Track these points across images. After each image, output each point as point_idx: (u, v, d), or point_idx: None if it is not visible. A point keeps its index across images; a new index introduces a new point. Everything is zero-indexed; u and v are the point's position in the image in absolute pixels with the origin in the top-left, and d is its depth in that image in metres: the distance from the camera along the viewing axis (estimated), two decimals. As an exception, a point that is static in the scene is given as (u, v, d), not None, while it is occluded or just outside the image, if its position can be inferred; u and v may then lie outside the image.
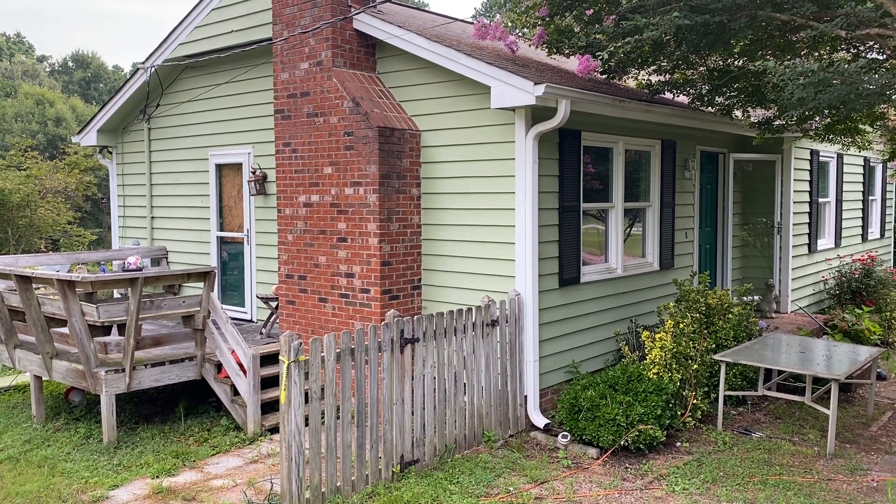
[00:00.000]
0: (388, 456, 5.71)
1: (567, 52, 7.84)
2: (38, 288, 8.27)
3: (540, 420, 6.90)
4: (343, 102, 7.60)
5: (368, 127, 7.40)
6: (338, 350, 5.41)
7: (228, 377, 7.35)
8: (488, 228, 7.24)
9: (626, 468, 6.11)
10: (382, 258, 7.46)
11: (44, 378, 7.80)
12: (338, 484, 5.35)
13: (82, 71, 56.95)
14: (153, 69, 10.05)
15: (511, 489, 5.61)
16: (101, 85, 56.24)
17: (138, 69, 10.44)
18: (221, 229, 10.01)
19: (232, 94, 9.61)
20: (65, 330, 7.61)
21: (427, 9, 13.63)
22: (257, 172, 9.21)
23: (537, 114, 6.82)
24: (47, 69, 57.84)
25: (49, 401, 8.29)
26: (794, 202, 11.10)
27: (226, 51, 9.20)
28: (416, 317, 6.01)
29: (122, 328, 7.64)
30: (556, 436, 6.69)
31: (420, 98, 7.71)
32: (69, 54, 59.53)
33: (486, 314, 6.62)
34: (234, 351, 7.28)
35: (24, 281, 7.37)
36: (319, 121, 7.85)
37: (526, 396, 6.98)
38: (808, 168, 11.53)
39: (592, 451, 6.38)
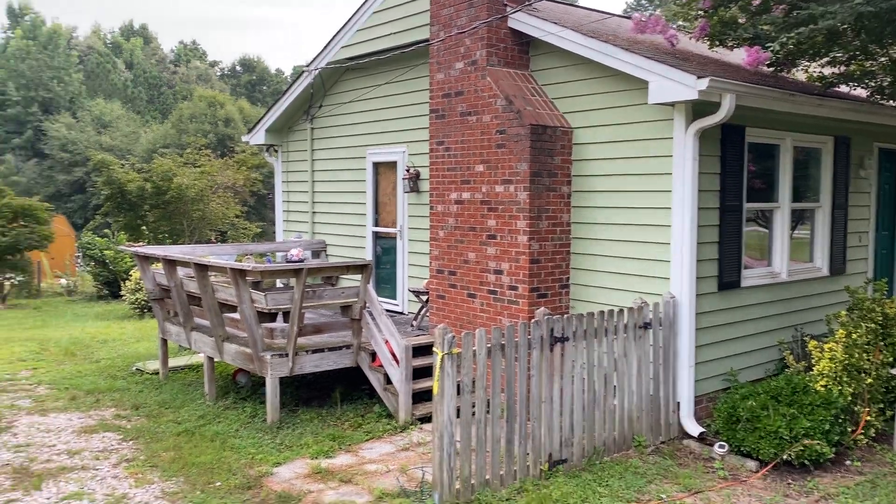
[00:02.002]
0: (536, 453, 5.71)
1: (731, 44, 7.47)
2: (213, 275, 8.98)
3: (694, 428, 6.64)
4: (496, 101, 7.67)
5: (520, 125, 7.42)
6: (489, 345, 5.49)
7: (382, 366, 7.64)
8: (642, 228, 7.05)
9: (789, 484, 5.76)
10: (531, 256, 7.46)
11: (215, 359, 8.47)
12: (487, 477, 5.42)
13: (248, 74, 61.08)
14: (317, 71, 10.61)
15: (663, 496, 5.45)
16: (264, 87, 60.06)
17: (303, 72, 11.06)
18: (376, 224, 10.41)
19: (388, 95, 9.96)
20: (235, 315, 8.22)
21: (579, 5, 13.41)
22: (411, 170, 9.50)
23: (698, 109, 6.56)
24: (218, 73, 62.52)
25: (219, 381, 8.97)
26: None
27: (385, 52, 9.54)
28: (566, 315, 5.97)
29: (286, 315, 8.15)
30: (711, 445, 6.41)
31: (573, 95, 7.63)
32: (237, 59, 64.07)
33: (639, 316, 6.46)
34: (387, 341, 7.56)
35: (202, 269, 8.03)
36: (472, 119, 7.97)
37: (679, 403, 6.74)
38: None
39: (751, 464, 6.06)
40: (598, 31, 7.65)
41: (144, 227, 20.47)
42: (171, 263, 8.64)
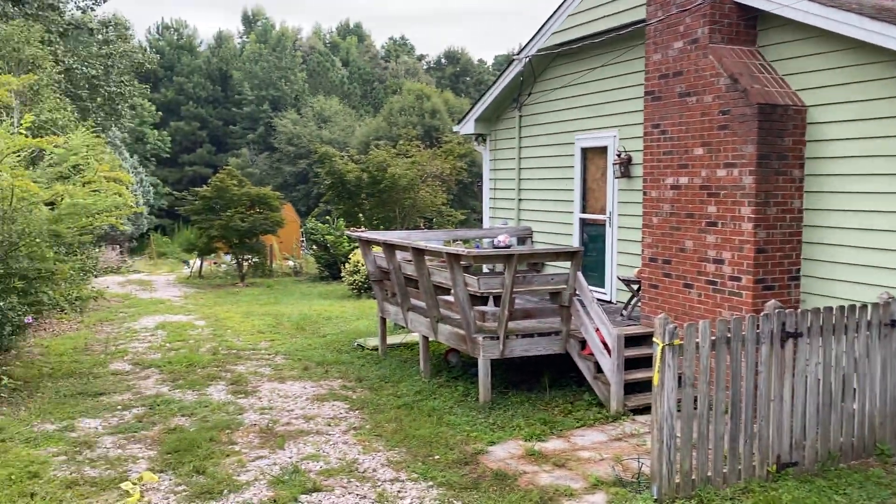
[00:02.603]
0: (763, 454, 5.38)
1: None
2: (429, 259, 9.41)
3: (950, 440, 5.89)
4: (719, 80, 7.27)
5: (746, 104, 6.97)
6: (713, 337, 5.24)
7: (592, 354, 7.58)
8: (890, 215, 6.34)
9: None
10: (757, 245, 7.00)
11: (430, 339, 8.88)
12: (708, 474, 5.21)
13: (453, 66, 62.94)
14: (527, 59, 10.69)
15: (914, 513, 4.91)
16: (467, 78, 61.59)
17: (512, 60, 11.20)
18: (584, 211, 10.31)
19: (599, 79, 9.80)
20: (448, 297, 8.56)
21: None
22: (622, 155, 9.29)
23: (965, 80, 5.76)
24: (424, 67, 65.06)
25: (432, 359, 9.40)
26: None
27: (597, 36, 9.39)
28: (799, 310, 5.54)
29: (496, 299, 8.35)
30: (973, 462, 5.65)
31: (807, 70, 7.02)
32: (442, 52, 66.25)
33: (885, 313, 5.83)
34: (597, 329, 7.48)
35: (418, 253, 8.45)
36: (691, 100, 7.62)
37: (932, 411, 6.00)
38: None
39: None
40: (837, 1, 6.97)
41: (361, 215, 21.91)
42: (390, 247, 9.18)
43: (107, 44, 22.68)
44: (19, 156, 9.31)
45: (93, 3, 23.58)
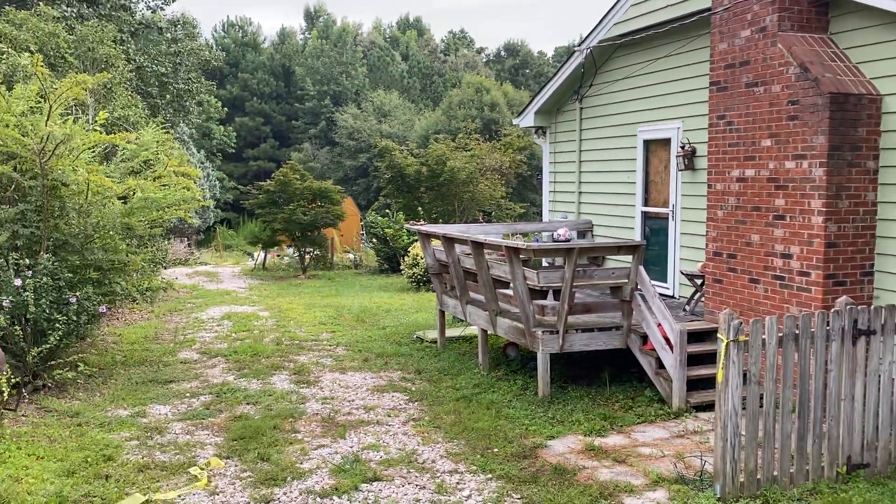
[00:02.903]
0: (833, 454, 5.22)
1: None
2: (487, 253, 9.41)
3: None
4: (788, 69, 7.04)
5: (817, 94, 6.73)
6: (780, 334, 5.10)
7: (653, 349, 7.47)
8: (972, 208, 6.05)
9: None
10: (827, 239, 6.77)
11: (488, 332, 8.89)
12: (774, 473, 5.08)
13: (512, 59, 62.60)
14: (588, 51, 10.56)
15: None
16: (527, 70, 61.15)
17: (573, 52, 11.07)
18: (646, 204, 10.15)
19: (662, 70, 9.61)
20: (507, 291, 8.54)
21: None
22: (686, 147, 9.09)
23: None
24: (483, 60, 64.88)
25: (490, 352, 9.41)
26: None
27: (660, 26, 9.21)
28: (872, 307, 5.34)
29: (555, 293, 8.30)
30: None
31: (884, 58, 6.74)
32: (501, 44, 65.92)
33: (966, 310, 5.57)
34: (659, 324, 7.37)
35: (477, 246, 8.46)
36: (759, 90, 7.40)
37: None
38: None
39: None
40: (917, -18, 6.66)
41: (420, 208, 22.04)
42: (449, 241, 9.22)
43: (175, 42, 23.38)
44: (94, 152, 9.70)
45: (162, 3, 24.34)
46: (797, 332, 5.13)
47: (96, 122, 9.32)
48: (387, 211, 24.60)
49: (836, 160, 6.71)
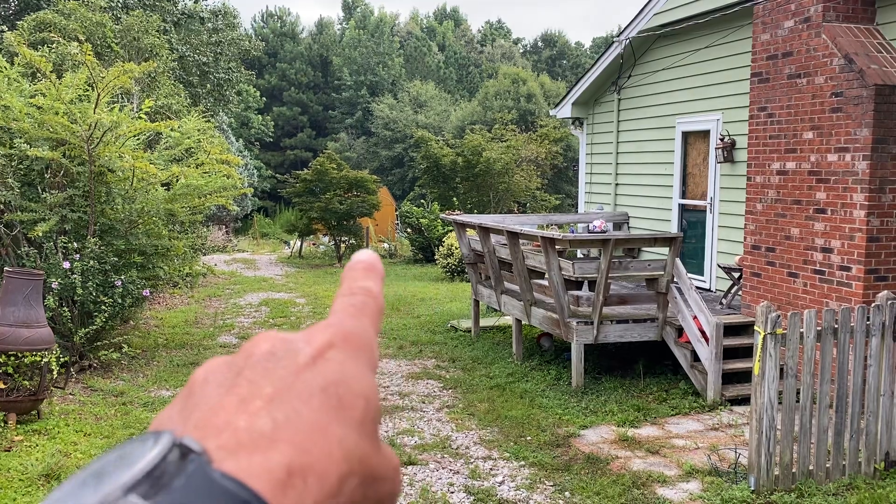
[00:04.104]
0: (870, 450, 5.18)
1: None
2: (523, 243, 9.44)
3: None
4: (832, 60, 6.93)
5: (862, 86, 6.62)
6: (818, 328, 5.07)
7: (688, 342, 7.44)
8: None
9: None
10: (869, 233, 6.67)
11: (523, 322, 8.93)
12: (810, 468, 5.06)
13: (549, 49, 62.16)
14: (627, 41, 10.49)
15: None
16: (563, 61, 60.68)
17: (612, 43, 11.01)
18: (683, 196, 10.07)
19: (701, 61, 9.51)
20: (542, 281, 8.57)
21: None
22: (726, 139, 9.00)
23: None
24: (520, 50, 64.54)
25: (524, 342, 9.45)
26: None
27: (701, 17, 9.11)
28: (915, 301, 5.27)
29: (590, 284, 8.31)
30: None
31: (933, 49, 6.60)
32: (539, 35, 65.49)
33: None
34: (695, 317, 7.34)
35: (513, 236, 8.50)
36: (801, 82, 7.30)
37: None
38: None
39: None
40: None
41: (455, 199, 22.10)
42: (485, 231, 9.26)
43: (216, 32, 23.71)
44: (138, 139, 9.94)
45: (204, -7, 24.65)
46: (836, 326, 5.09)
47: (141, 110, 9.55)
48: (422, 201, 24.69)
49: (879, 153, 6.60)
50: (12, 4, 19.10)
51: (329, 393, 0.36)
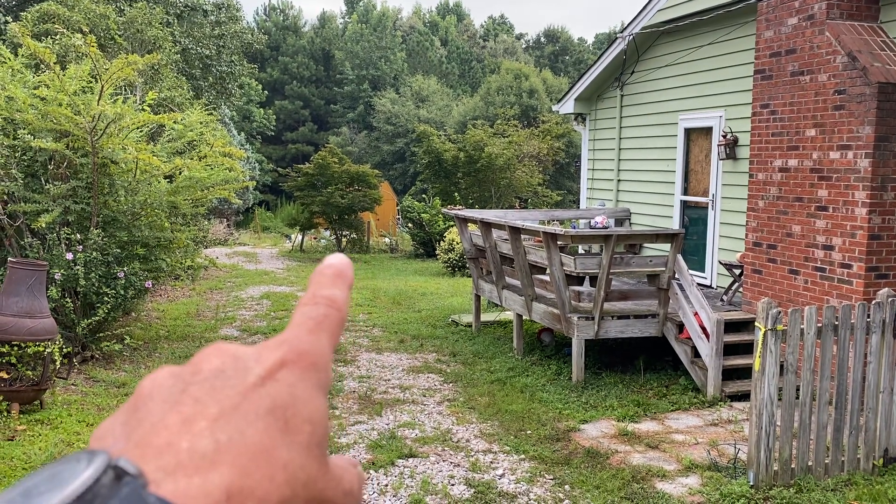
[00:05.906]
0: (869, 447, 5.20)
1: None
2: (525, 238, 9.46)
3: None
4: (836, 58, 6.94)
5: (865, 83, 6.63)
6: (819, 324, 5.09)
7: (689, 338, 7.47)
8: None
9: None
10: (871, 231, 6.69)
11: (524, 317, 8.95)
12: (809, 463, 5.09)
13: (552, 45, 62.07)
14: (630, 37, 10.49)
15: None
16: (566, 57, 60.59)
17: (615, 39, 11.01)
18: (685, 193, 10.08)
19: (704, 58, 9.51)
20: (543, 277, 8.60)
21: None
22: (728, 136, 9.01)
23: None
24: (523, 46, 64.44)
25: (525, 337, 9.48)
26: None
27: (704, 13, 9.11)
28: (915, 299, 5.29)
29: (591, 280, 8.33)
30: None
31: (936, 47, 6.61)
32: (541, 30, 65.39)
33: None
34: (696, 313, 7.36)
35: (515, 232, 8.52)
36: (805, 79, 7.31)
37: None
38: None
39: None
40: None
41: (456, 194, 22.11)
42: (487, 226, 9.28)
43: (219, 25, 23.70)
44: (141, 131, 9.95)
45: (207, -14, 24.62)
46: (836, 323, 5.11)
47: (145, 102, 9.56)
48: (423, 196, 24.71)
49: (882, 151, 6.62)
50: (15, -5, 19.11)
51: (276, 416, 0.35)
